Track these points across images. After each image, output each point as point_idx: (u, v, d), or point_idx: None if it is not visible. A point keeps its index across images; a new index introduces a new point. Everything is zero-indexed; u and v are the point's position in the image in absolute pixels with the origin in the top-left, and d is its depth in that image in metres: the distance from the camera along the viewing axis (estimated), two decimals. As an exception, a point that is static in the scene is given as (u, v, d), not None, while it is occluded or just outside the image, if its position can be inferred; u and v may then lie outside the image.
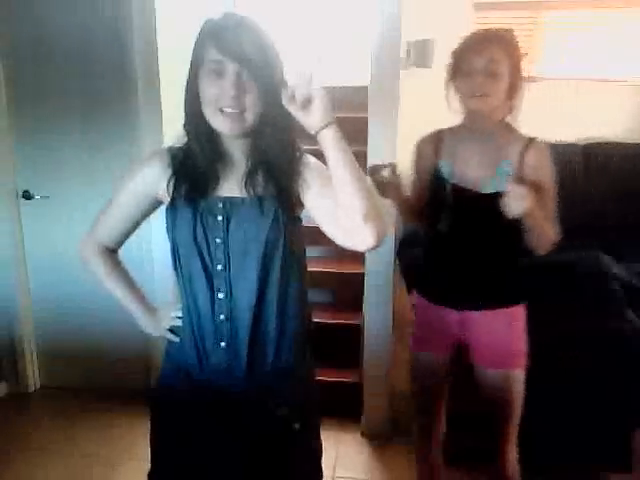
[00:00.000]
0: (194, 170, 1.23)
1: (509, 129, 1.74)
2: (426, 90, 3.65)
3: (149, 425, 1.39)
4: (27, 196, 2.97)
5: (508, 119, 1.74)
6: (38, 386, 3.23)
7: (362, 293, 2.75)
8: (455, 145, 1.76)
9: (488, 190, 1.68)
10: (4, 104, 2.91)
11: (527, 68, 1.72)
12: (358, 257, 2.99)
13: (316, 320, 3.17)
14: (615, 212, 3.85)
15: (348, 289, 3.13)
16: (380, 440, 2.73)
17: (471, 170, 1.72)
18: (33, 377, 3.20)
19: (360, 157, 3.14)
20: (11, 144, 2.95)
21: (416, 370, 1.97)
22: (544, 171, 1.72)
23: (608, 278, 2.47)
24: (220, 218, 1.22)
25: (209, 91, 1.16)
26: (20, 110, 2.92)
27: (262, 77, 1.15)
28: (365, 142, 2.59)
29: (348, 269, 3.19)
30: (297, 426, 1.31)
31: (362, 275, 2.76)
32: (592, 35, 4.06)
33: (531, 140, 1.72)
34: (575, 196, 3.87)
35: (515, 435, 1.84)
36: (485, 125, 1.72)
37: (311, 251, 1.39)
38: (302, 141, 1.29)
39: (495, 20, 4.02)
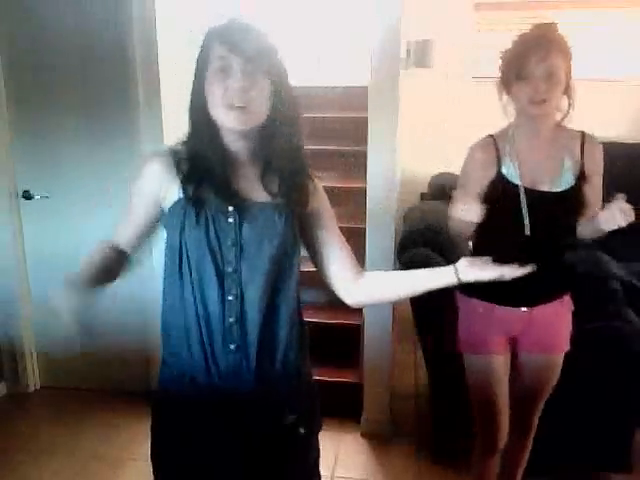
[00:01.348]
0: (203, 173, 1.23)
1: (561, 126, 1.77)
2: (426, 90, 3.67)
3: (149, 429, 1.37)
4: (27, 196, 2.97)
5: (562, 119, 1.76)
6: (38, 386, 3.22)
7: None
8: (515, 148, 1.75)
9: (560, 187, 1.73)
10: (4, 104, 2.90)
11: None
12: (358, 257, 2.99)
13: (317, 320, 3.19)
14: (615, 212, 3.84)
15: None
16: (380, 440, 2.73)
17: (538, 171, 1.74)
18: (33, 377, 3.20)
19: (360, 157, 3.15)
20: (11, 144, 2.95)
21: (488, 377, 1.88)
22: (600, 163, 1.79)
23: (608, 278, 2.47)
24: (231, 220, 1.22)
25: (217, 89, 1.17)
26: (20, 110, 2.92)
27: (268, 74, 1.18)
28: (365, 142, 2.59)
29: (348, 269, 3.18)
30: (302, 430, 1.32)
31: (362, 275, 2.76)
32: (592, 35, 4.06)
33: (584, 134, 1.79)
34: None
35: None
36: (543, 126, 1.74)
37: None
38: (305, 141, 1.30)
39: (495, 20, 4.03)
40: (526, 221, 1.71)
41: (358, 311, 2.84)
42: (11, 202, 2.99)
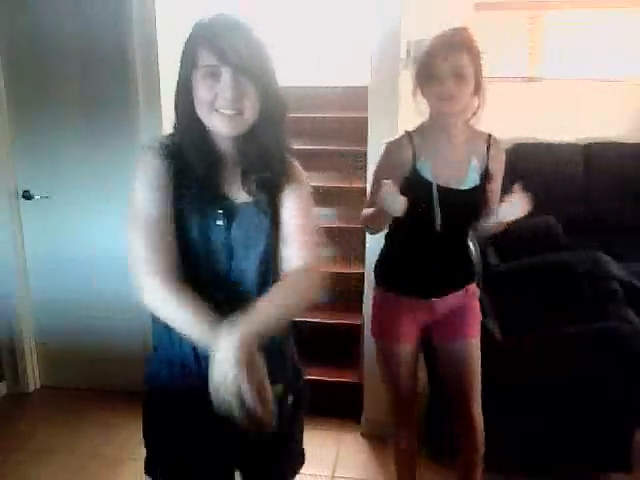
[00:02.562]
0: (192, 176, 1.22)
1: (469, 126, 1.84)
2: (426, 90, 3.66)
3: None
4: (27, 196, 2.97)
5: (471, 117, 1.82)
6: (38, 386, 3.22)
7: (362, 293, 2.75)
8: (429, 146, 1.81)
9: (466, 186, 1.81)
10: (4, 104, 2.90)
11: (486, 67, 1.77)
12: (358, 257, 2.99)
13: (316, 320, 3.18)
14: (615, 212, 3.85)
15: (348, 289, 3.13)
16: (380, 440, 2.73)
17: (448, 168, 1.80)
18: (33, 377, 3.20)
19: (360, 157, 3.15)
20: (11, 144, 2.95)
21: (393, 362, 2.00)
22: (502, 165, 1.88)
23: (608, 278, 2.47)
24: (220, 222, 1.22)
25: (205, 94, 1.17)
26: (20, 110, 2.92)
27: (258, 79, 1.17)
28: (365, 142, 2.59)
29: (348, 269, 3.19)
30: (290, 398, 1.35)
31: (362, 275, 2.76)
32: (592, 35, 4.06)
33: (490, 137, 1.86)
34: (575, 196, 3.88)
35: (479, 397, 1.97)
36: (453, 125, 1.80)
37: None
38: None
39: (495, 20, 4.03)
40: (437, 217, 1.78)
41: (358, 311, 2.84)
42: (11, 202, 2.99)
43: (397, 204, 1.62)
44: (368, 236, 2.66)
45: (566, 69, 4.11)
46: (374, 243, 2.63)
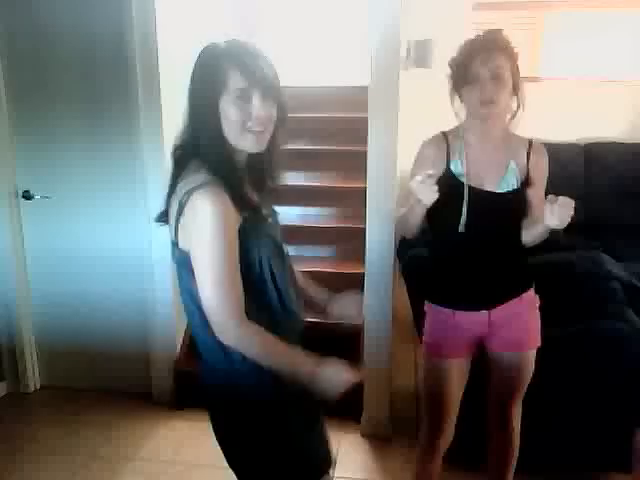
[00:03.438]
0: (240, 194, 1.29)
1: (508, 130, 1.82)
2: (426, 90, 3.67)
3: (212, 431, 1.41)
4: (27, 196, 2.97)
5: (510, 120, 1.80)
6: (38, 386, 3.22)
7: (362, 293, 2.74)
8: (464, 147, 1.79)
9: (501, 189, 1.77)
10: (4, 104, 2.90)
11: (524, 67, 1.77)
12: (358, 257, 2.99)
13: (316, 320, 3.16)
14: (615, 212, 3.85)
15: (348, 289, 3.12)
16: (380, 440, 2.73)
17: (483, 170, 1.77)
18: (33, 377, 3.19)
19: (360, 157, 3.16)
20: (11, 144, 2.95)
21: (442, 378, 1.92)
22: (545, 171, 1.86)
23: (608, 278, 2.47)
24: (271, 220, 1.39)
25: (236, 115, 1.25)
26: (20, 110, 2.92)
27: (278, 99, 1.30)
28: (365, 142, 2.59)
29: (348, 269, 3.19)
30: None
31: (362, 275, 2.76)
32: (592, 35, 4.06)
33: (531, 142, 1.83)
34: (575, 196, 3.88)
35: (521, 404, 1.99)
36: (492, 127, 1.78)
37: (311, 251, 1.41)
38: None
39: (495, 20, 4.03)
40: (462, 218, 1.74)
41: (358, 311, 2.84)
42: (11, 202, 2.99)
43: (428, 191, 1.59)
44: (368, 237, 2.66)
45: (566, 69, 4.11)
46: (374, 243, 2.64)
